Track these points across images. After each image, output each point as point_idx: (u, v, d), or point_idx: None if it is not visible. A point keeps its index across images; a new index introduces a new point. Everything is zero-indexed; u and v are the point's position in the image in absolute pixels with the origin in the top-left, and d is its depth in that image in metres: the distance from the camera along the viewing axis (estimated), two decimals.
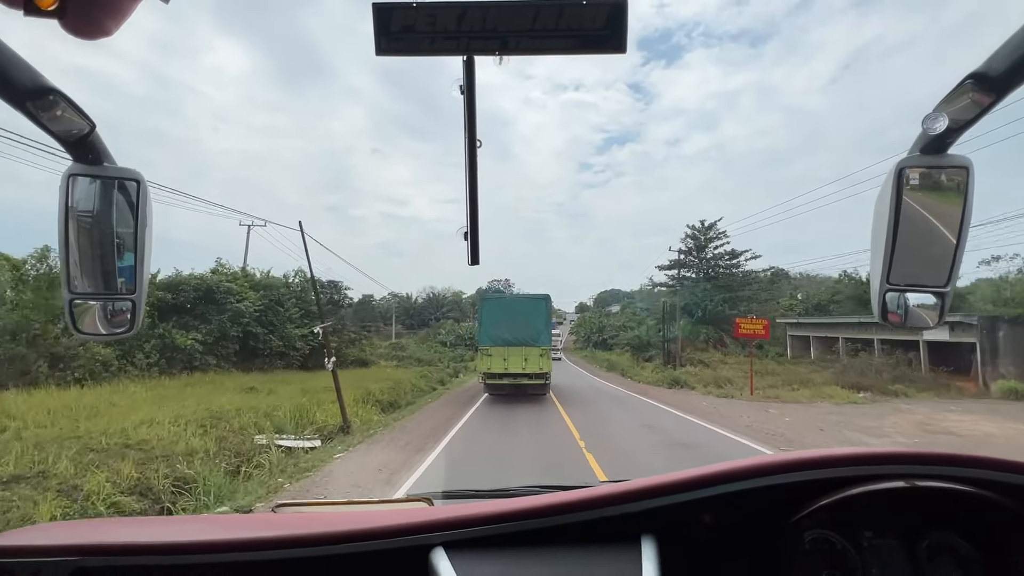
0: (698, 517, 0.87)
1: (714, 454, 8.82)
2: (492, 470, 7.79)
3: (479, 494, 1.47)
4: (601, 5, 0.92)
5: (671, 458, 8.56)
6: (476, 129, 0.96)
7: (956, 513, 0.89)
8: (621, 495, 0.86)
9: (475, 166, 0.97)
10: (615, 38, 0.93)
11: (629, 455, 8.95)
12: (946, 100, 0.85)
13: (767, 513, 0.89)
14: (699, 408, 15.51)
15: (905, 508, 0.90)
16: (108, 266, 0.89)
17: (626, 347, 42.39)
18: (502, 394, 16.29)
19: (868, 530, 0.91)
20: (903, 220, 0.93)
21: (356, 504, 1.42)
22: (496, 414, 13.75)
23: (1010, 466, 0.88)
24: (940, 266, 0.94)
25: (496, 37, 0.93)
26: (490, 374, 16.02)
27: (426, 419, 13.33)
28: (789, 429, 11.77)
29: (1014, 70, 0.77)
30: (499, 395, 16.39)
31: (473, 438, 10.60)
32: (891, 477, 0.87)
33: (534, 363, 15.59)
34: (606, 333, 54.50)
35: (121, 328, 0.92)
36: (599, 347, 53.00)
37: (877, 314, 0.98)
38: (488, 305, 17.85)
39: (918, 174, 0.95)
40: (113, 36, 0.56)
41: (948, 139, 0.89)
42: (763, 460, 0.91)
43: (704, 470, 0.89)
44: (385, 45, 0.93)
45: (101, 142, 0.85)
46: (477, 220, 0.98)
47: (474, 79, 0.95)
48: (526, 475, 6.96)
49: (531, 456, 8.71)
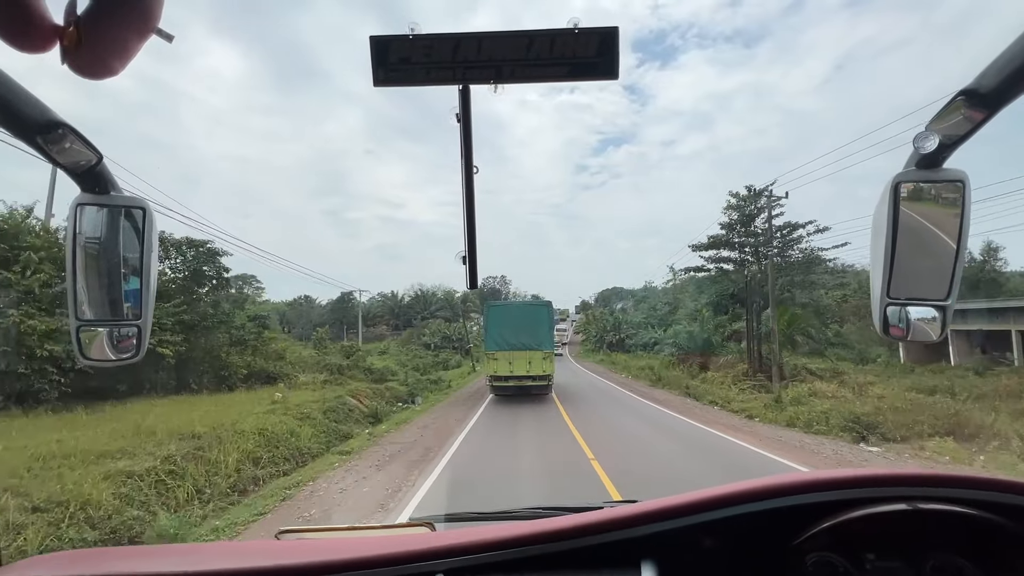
0: (700, 541, 0.87)
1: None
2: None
3: (483, 517, 1.48)
4: (593, 33, 0.97)
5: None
6: (472, 155, 1.00)
7: (959, 534, 0.88)
8: (625, 519, 0.86)
9: (472, 192, 1.00)
10: (607, 65, 0.98)
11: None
12: (938, 117, 0.88)
13: (769, 536, 0.89)
14: None
15: (908, 530, 0.89)
16: (115, 293, 0.90)
17: (666, 348, 30.82)
18: (507, 395, 17.01)
19: (871, 552, 0.90)
20: (901, 234, 0.96)
21: (358, 530, 1.35)
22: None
23: (1010, 487, 0.89)
24: (940, 279, 0.96)
25: (491, 67, 0.97)
26: (496, 377, 16.75)
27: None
28: None
29: (1005, 87, 0.81)
30: (505, 395, 17.04)
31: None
32: (893, 499, 0.88)
33: (538, 366, 16.30)
34: (622, 331, 45.39)
35: (127, 353, 0.93)
36: (615, 348, 43.90)
37: (879, 328, 1.00)
38: (493, 312, 18.07)
39: (914, 189, 0.97)
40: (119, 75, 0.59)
41: (943, 154, 0.92)
42: (765, 483, 0.90)
43: (706, 493, 0.89)
44: (383, 76, 0.97)
45: (108, 172, 0.87)
46: (475, 244, 1.01)
47: (470, 107, 0.99)
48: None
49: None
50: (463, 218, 1.00)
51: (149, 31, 0.57)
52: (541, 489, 6.81)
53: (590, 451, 8.93)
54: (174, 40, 0.60)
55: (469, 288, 1.03)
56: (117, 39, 0.56)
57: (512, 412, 14.41)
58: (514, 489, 6.73)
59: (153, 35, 0.58)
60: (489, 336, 17.19)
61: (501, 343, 16.54)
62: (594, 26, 0.98)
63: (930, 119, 0.89)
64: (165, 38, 0.60)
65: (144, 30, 0.57)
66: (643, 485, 6.94)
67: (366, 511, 6.23)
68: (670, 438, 10.86)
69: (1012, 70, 0.78)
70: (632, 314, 50.58)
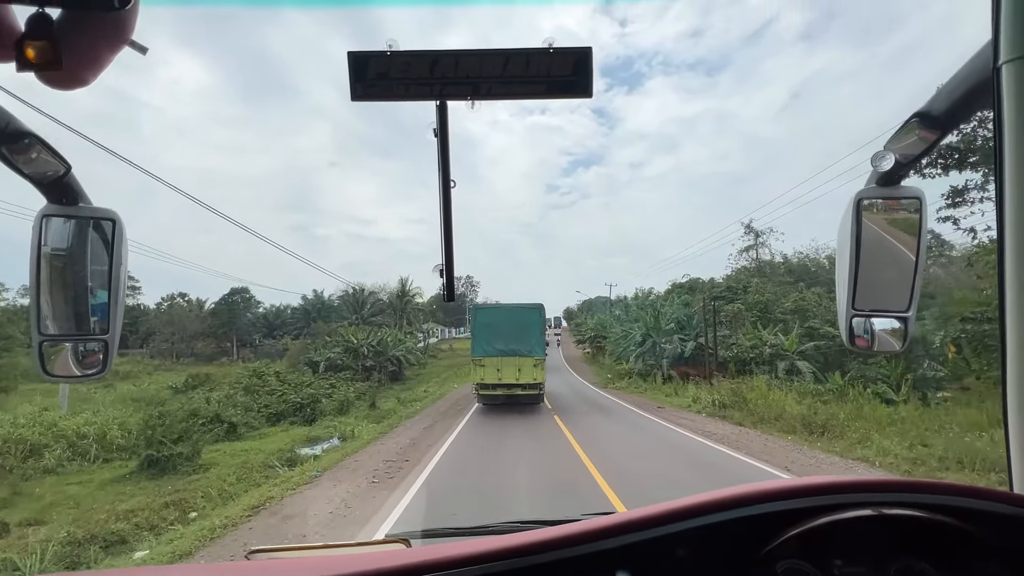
0: (674, 551, 0.87)
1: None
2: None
3: (459, 532, 1.46)
4: (568, 53, 1.00)
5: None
6: (450, 170, 1.01)
7: (922, 539, 0.90)
8: (600, 531, 0.86)
9: (450, 206, 1.02)
10: (582, 83, 1.01)
11: None
12: (895, 137, 0.98)
13: (741, 544, 0.89)
14: None
15: (874, 536, 0.90)
16: (81, 307, 0.88)
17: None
18: (496, 404, 16.26)
19: (839, 559, 0.90)
20: (864, 248, 1.03)
21: (332, 547, 1.25)
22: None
23: (967, 491, 0.91)
24: (901, 291, 1.03)
25: (468, 83, 0.99)
26: (483, 385, 15.95)
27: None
28: None
29: (954, 111, 0.92)
30: (493, 404, 16.36)
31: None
32: (859, 505, 0.89)
33: (528, 374, 15.50)
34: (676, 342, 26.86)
35: (93, 369, 0.92)
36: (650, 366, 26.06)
37: (846, 340, 1.09)
38: (481, 315, 16.83)
39: (875, 205, 1.04)
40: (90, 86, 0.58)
41: (900, 172, 1.02)
42: (735, 492, 0.91)
43: (678, 504, 0.90)
44: (360, 91, 0.98)
45: (77, 183, 0.86)
46: (452, 258, 1.03)
47: (447, 123, 1.01)
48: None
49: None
50: (440, 231, 1.03)
51: (123, 43, 0.56)
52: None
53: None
54: (148, 52, 0.60)
55: (445, 300, 1.05)
56: (90, 51, 0.56)
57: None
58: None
59: (127, 47, 0.57)
60: (476, 341, 16.05)
61: (489, 349, 15.66)
62: (568, 46, 1.01)
63: (888, 139, 1.00)
64: (139, 50, 0.60)
65: (118, 42, 0.56)
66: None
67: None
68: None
69: (959, 95, 0.92)
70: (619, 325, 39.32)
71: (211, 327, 58.61)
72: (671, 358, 24.90)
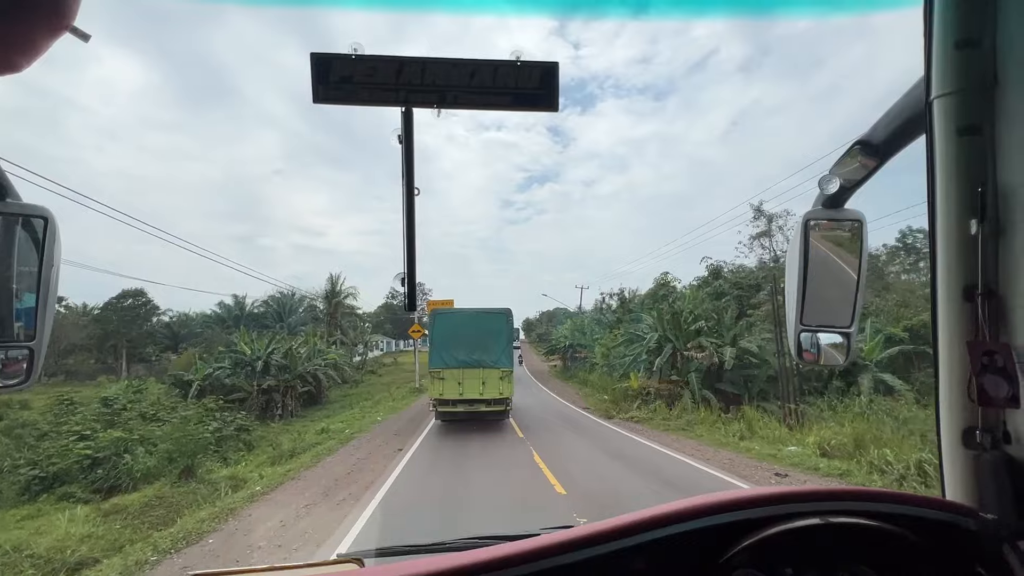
0: (632, 563, 0.87)
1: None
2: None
3: (415, 549, 1.41)
4: (535, 67, 1.02)
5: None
6: (414, 177, 1.00)
7: (867, 546, 0.91)
8: (559, 546, 0.85)
9: (413, 213, 1.00)
10: (548, 97, 1.03)
11: None
12: (839, 163, 1.07)
13: (699, 555, 0.89)
14: None
15: (822, 543, 0.91)
16: (3, 310, 0.83)
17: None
18: (456, 420, 13.79)
19: (789, 567, 0.91)
20: (811, 267, 1.09)
21: (280, 570, 1.19)
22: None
23: (906, 499, 0.94)
24: (844, 308, 1.09)
25: (435, 91, 0.99)
26: (442, 400, 13.41)
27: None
28: None
29: (891, 140, 1.02)
30: (453, 421, 13.81)
31: None
32: (809, 515, 0.90)
33: (493, 387, 13.28)
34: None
35: (15, 380, 0.86)
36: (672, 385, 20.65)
37: (794, 354, 1.16)
38: (440, 321, 14.12)
39: (821, 225, 1.11)
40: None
41: (844, 195, 1.09)
42: (692, 503, 0.91)
43: (636, 516, 0.89)
44: (323, 94, 0.97)
45: (4, 177, 0.82)
46: (414, 266, 1.01)
47: (412, 129, 1.00)
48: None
49: None
50: (403, 239, 1.01)
51: (63, 29, 0.53)
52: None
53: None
54: (90, 40, 0.57)
55: (407, 310, 1.03)
56: (27, 35, 0.52)
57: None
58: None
59: (67, 33, 0.54)
60: (434, 350, 13.69)
61: (449, 359, 13.37)
62: (535, 60, 1.02)
63: (833, 164, 1.09)
64: (81, 37, 0.56)
65: (58, 27, 0.53)
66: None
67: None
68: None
69: (896, 126, 1.01)
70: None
71: (92, 338, 46.83)
72: (700, 372, 17.24)
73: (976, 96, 0.91)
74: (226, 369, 24.34)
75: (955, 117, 0.92)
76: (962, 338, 0.94)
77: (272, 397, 23.95)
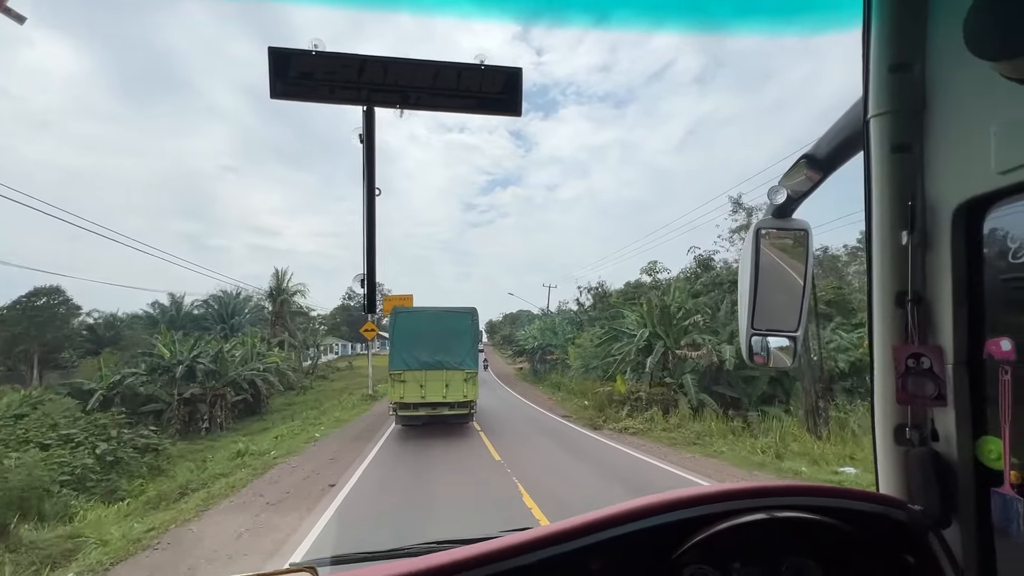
0: (587, 563, 0.88)
1: None
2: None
3: (372, 556, 1.32)
4: (499, 71, 1.02)
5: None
6: (375, 177, 0.99)
7: (807, 538, 0.94)
8: (515, 547, 0.85)
9: (374, 213, 0.99)
10: (511, 102, 1.04)
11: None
12: (787, 175, 1.14)
13: (651, 553, 0.91)
14: None
15: (768, 537, 0.94)
16: None
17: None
18: (417, 424, 12.97)
19: (737, 561, 0.93)
20: (762, 273, 1.14)
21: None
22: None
23: (843, 493, 0.99)
24: (792, 312, 1.14)
25: (397, 91, 0.99)
26: (403, 404, 12.55)
27: None
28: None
29: (833, 155, 1.09)
30: (414, 425, 12.98)
31: None
32: (756, 510, 0.93)
33: (457, 389, 12.56)
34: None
35: None
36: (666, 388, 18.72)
37: (745, 356, 1.22)
38: (401, 321, 13.25)
39: (770, 234, 1.16)
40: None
41: (792, 206, 1.16)
42: (646, 502, 0.93)
43: (592, 516, 0.90)
44: (281, 89, 0.95)
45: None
46: (375, 267, 1.00)
47: (374, 129, 0.99)
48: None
49: None
50: (363, 239, 1.00)
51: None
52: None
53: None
54: (25, 22, 0.52)
55: (366, 312, 1.02)
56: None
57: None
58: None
59: (1, 15, 0.50)
60: (395, 351, 12.83)
61: (410, 360, 12.58)
62: (499, 64, 1.02)
63: (781, 176, 1.17)
64: (15, 19, 0.52)
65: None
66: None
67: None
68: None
69: (838, 142, 1.08)
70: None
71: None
72: (696, 373, 15.02)
73: (907, 117, 0.98)
74: (141, 376, 20.54)
75: (889, 136, 0.99)
76: (894, 341, 1.01)
77: (197, 408, 20.33)
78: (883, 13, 0.98)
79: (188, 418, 20.27)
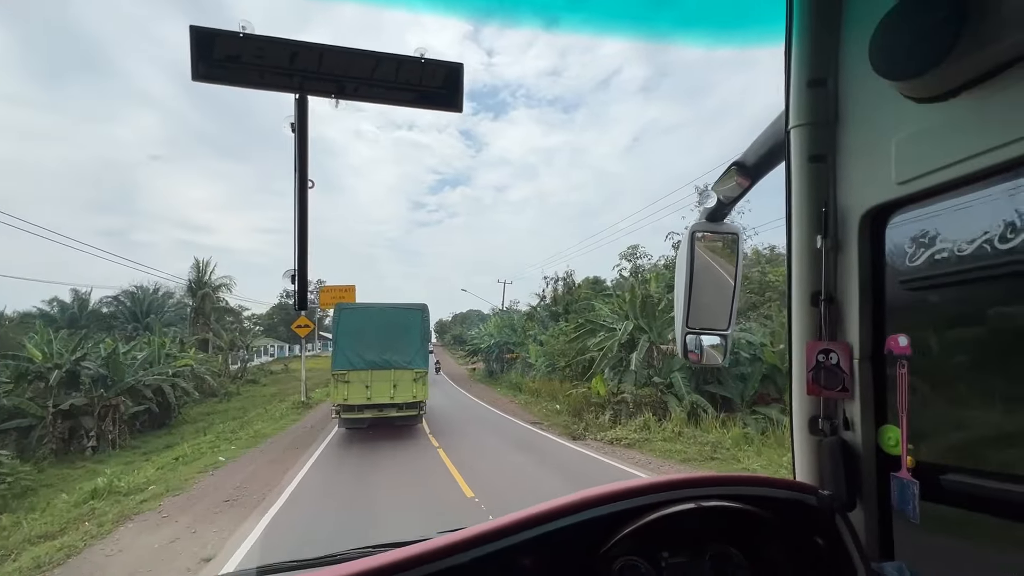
0: (519, 561, 0.88)
1: None
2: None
3: (302, 564, 1.30)
4: (439, 65, 1.00)
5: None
6: (308, 169, 0.96)
7: (729, 526, 0.99)
8: (448, 547, 0.85)
9: (306, 207, 0.96)
10: (452, 97, 1.01)
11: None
12: (719, 181, 1.18)
13: (581, 547, 0.92)
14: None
15: (694, 527, 0.97)
16: None
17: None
18: (361, 428, 12.08)
19: (665, 550, 0.96)
20: (696, 274, 1.20)
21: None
22: None
23: (764, 481, 1.04)
24: (723, 312, 1.21)
25: (333, 80, 0.95)
26: (347, 406, 11.60)
27: None
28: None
29: (761, 162, 1.14)
30: (358, 429, 12.09)
31: None
32: (684, 500, 0.96)
33: (405, 390, 11.77)
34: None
35: None
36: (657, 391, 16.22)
37: (680, 353, 1.27)
38: (345, 317, 12.23)
39: (705, 237, 1.21)
40: None
41: (724, 210, 1.23)
42: (577, 497, 0.94)
43: (524, 513, 0.90)
44: (204, 71, 0.89)
45: None
46: (306, 263, 0.97)
47: (307, 118, 0.95)
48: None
49: None
50: (294, 233, 0.96)
51: None
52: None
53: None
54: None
55: (296, 308, 0.99)
56: None
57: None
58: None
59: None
60: (339, 350, 11.89)
61: (355, 360, 11.67)
62: (440, 59, 1.01)
63: (714, 182, 1.21)
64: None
65: None
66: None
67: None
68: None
69: (764, 151, 1.14)
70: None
71: None
72: (687, 371, 13.03)
73: (822, 129, 1.05)
74: (3, 384, 16.38)
75: (806, 146, 1.06)
76: (809, 338, 1.08)
77: (80, 422, 16.41)
78: (802, 30, 1.06)
79: (68, 435, 16.32)
